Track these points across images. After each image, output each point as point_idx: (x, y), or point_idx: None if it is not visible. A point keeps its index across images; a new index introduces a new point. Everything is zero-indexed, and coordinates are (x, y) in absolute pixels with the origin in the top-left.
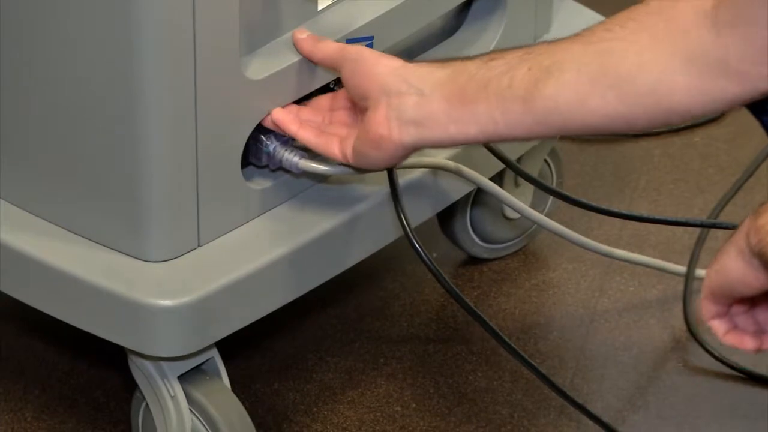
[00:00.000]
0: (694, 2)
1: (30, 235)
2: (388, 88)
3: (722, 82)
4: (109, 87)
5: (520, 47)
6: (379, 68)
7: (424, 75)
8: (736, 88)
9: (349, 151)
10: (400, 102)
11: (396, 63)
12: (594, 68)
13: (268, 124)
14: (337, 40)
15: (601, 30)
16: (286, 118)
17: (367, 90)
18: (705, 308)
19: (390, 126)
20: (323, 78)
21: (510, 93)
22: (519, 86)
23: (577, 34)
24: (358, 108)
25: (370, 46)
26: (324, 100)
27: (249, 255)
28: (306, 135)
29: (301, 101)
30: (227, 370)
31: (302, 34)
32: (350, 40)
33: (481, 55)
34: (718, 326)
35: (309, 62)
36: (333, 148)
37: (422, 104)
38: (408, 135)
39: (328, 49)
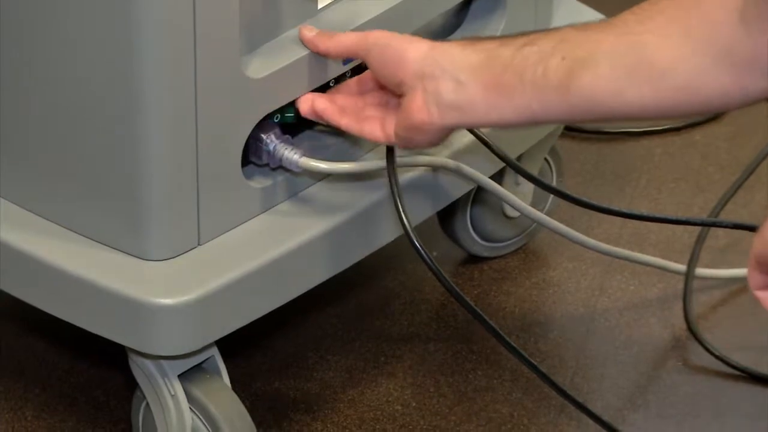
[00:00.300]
0: None
1: (30, 233)
2: (422, 73)
3: (753, 78)
4: (110, 86)
5: (550, 31)
6: (409, 53)
7: (456, 59)
8: (767, 83)
9: (391, 134)
10: (436, 87)
11: (424, 46)
12: (628, 61)
13: (306, 113)
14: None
15: (632, 21)
16: (329, 108)
17: (400, 77)
18: (752, 279)
19: (430, 111)
20: (323, 76)
21: (545, 83)
22: (553, 77)
23: (608, 23)
24: (390, 92)
25: None
26: (352, 84)
27: (249, 254)
28: (348, 123)
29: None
30: (227, 369)
31: (311, 32)
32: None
33: (510, 37)
34: (766, 298)
35: (309, 60)
36: (375, 131)
37: (459, 91)
38: (449, 119)
39: (346, 40)
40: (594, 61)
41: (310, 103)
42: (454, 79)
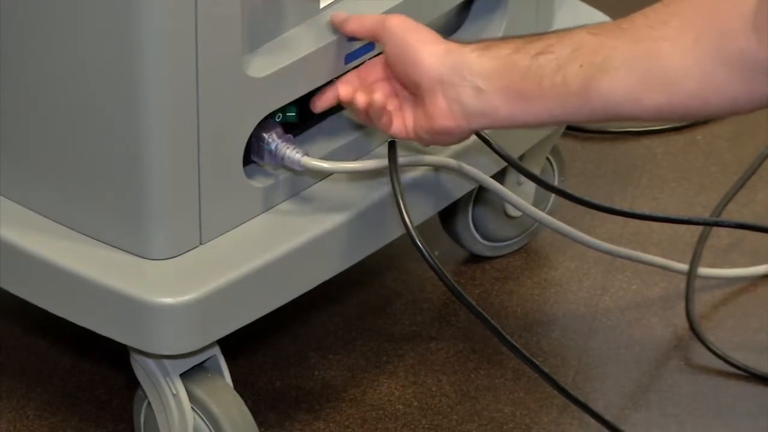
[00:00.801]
0: (734, 1)
1: (32, 232)
2: (441, 79)
3: (764, 85)
4: (111, 85)
5: (564, 37)
6: (425, 58)
7: (473, 66)
8: None
9: (412, 130)
10: (457, 94)
11: (440, 49)
12: (643, 69)
13: (360, 105)
14: (338, 39)
15: (644, 26)
16: (361, 99)
17: (416, 79)
18: None
19: (455, 117)
20: (325, 76)
21: (564, 90)
22: (572, 83)
23: (620, 28)
24: (399, 84)
25: (371, 46)
26: (353, 78)
27: (251, 253)
28: (384, 123)
29: (304, 98)
30: (229, 368)
31: (339, 17)
32: (351, 39)
33: (521, 40)
34: None
35: (311, 60)
36: (401, 130)
37: (480, 97)
38: (475, 123)
39: (368, 22)
40: (611, 68)
41: (364, 99)
42: (473, 87)
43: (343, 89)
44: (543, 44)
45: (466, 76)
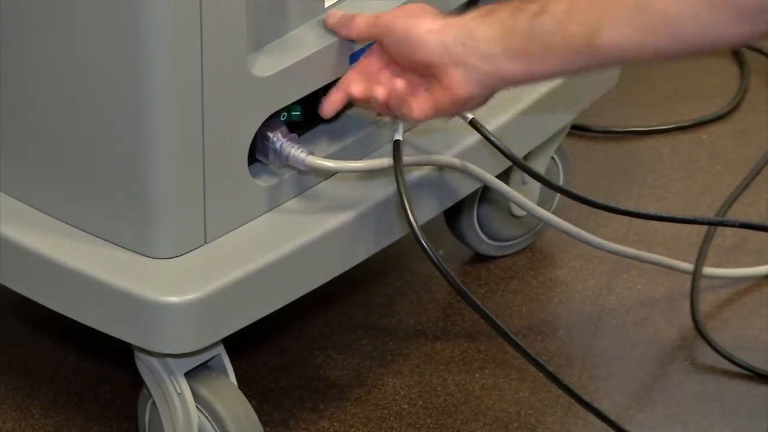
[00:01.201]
0: None
1: (36, 230)
2: (448, 50)
3: (758, 20)
4: (116, 84)
5: None
6: (426, 38)
7: (476, 33)
8: (765, 27)
9: (432, 108)
10: (466, 63)
11: (438, 24)
12: (641, 16)
13: (382, 98)
14: (341, 38)
15: None
16: (381, 92)
17: (425, 60)
18: None
19: (473, 84)
20: (330, 75)
21: (568, 48)
22: (575, 42)
23: None
24: (400, 68)
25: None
26: (357, 74)
27: (256, 252)
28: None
29: (309, 97)
30: (234, 367)
31: (334, 17)
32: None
33: (519, 2)
34: None
35: (315, 59)
36: (417, 107)
37: (490, 62)
38: (491, 87)
39: (361, 25)
40: (609, 21)
41: (383, 91)
42: (479, 53)
43: (356, 88)
44: (539, 4)
45: (469, 44)
